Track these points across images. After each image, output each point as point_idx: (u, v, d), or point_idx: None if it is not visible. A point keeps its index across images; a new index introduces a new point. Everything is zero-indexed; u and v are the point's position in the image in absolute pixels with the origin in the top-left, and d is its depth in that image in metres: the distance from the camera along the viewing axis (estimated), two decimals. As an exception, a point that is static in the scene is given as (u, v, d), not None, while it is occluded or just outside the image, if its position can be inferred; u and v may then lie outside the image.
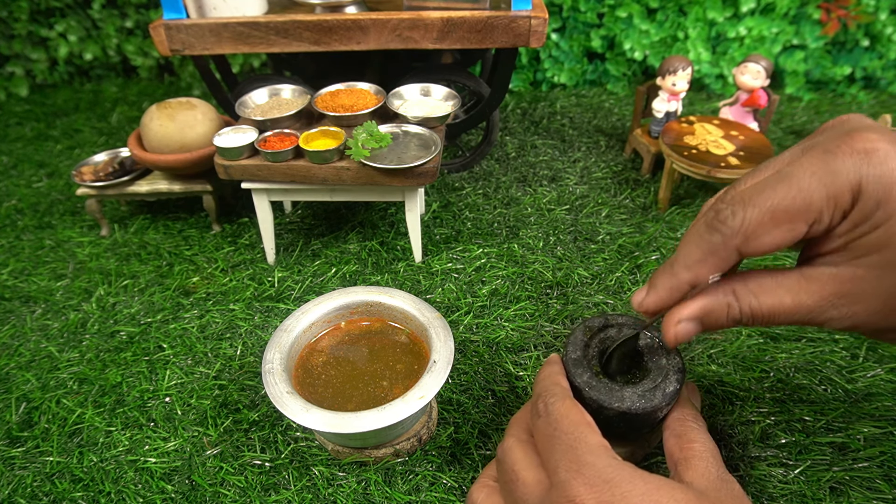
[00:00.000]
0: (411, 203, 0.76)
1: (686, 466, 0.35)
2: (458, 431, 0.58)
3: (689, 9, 1.28)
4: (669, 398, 0.40)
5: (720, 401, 0.60)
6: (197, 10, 0.83)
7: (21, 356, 0.71)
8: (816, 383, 0.61)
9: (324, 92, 0.83)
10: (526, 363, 0.65)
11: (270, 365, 0.52)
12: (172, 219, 0.94)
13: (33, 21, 1.42)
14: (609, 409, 0.40)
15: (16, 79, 1.45)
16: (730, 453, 0.55)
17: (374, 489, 0.53)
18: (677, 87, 0.94)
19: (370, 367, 0.55)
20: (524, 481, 0.34)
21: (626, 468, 0.32)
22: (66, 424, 0.62)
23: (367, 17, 0.80)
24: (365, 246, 0.85)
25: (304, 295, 0.77)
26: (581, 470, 0.32)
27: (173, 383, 0.65)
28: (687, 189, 0.96)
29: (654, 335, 0.44)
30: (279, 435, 0.59)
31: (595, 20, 1.31)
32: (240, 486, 0.54)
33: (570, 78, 1.35)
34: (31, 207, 1.00)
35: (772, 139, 1.10)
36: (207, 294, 0.78)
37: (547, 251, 0.82)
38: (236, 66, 1.44)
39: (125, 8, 1.43)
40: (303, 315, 0.57)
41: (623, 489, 0.30)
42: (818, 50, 1.27)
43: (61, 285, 0.81)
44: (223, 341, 0.71)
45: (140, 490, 0.55)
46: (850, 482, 0.52)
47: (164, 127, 0.84)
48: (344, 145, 0.72)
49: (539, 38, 0.80)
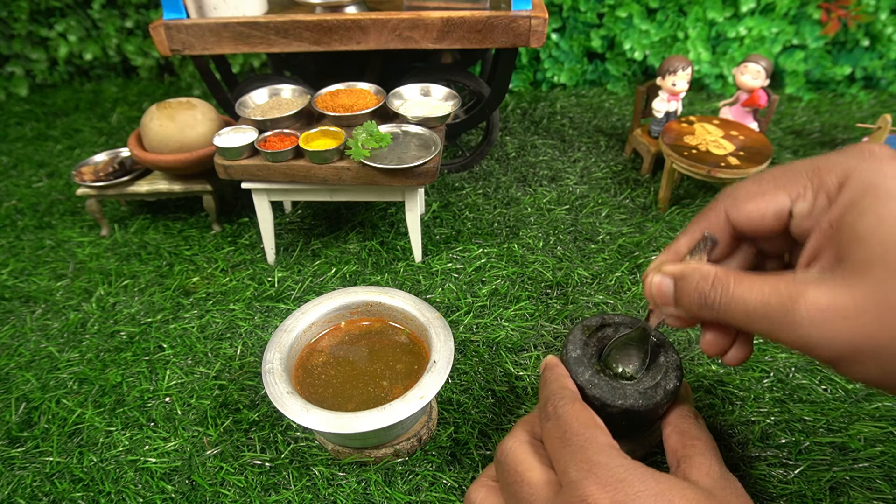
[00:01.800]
0: (411, 203, 0.76)
1: (689, 464, 0.35)
2: (458, 431, 0.58)
3: (689, 9, 1.28)
4: (670, 395, 0.40)
5: (720, 401, 0.60)
6: (197, 10, 0.83)
7: (21, 356, 0.71)
8: (816, 383, 0.61)
9: (324, 92, 0.83)
10: (526, 363, 0.65)
11: (270, 365, 0.52)
12: (172, 219, 0.94)
13: (33, 21, 1.42)
14: (612, 407, 0.40)
15: (16, 79, 1.45)
16: (730, 453, 0.55)
17: (374, 489, 0.53)
18: (677, 87, 0.94)
19: (370, 367, 0.55)
20: (529, 482, 0.34)
21: (638, 468, 0.32)
22: (66, 424, 0.62)
23: (367, 17, 0.80)
24: (365, 246, 0.85)
25: (304, 295, 0.77)
26: (593, 470, 0.32)
27: (173, 383, 0.65)
28: (687, 189, 0.96)
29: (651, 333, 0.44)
30: (279, 435, 0.59)
31: (595, 20, 1.31)
32: (240, 486, 0.54)
33: (570, 78, 1.35)
34: (31, 207, 1.00)
35: (772, 139, 1.10)
36: (207, 294, 0.78)
37: (547, 251, 0.82)
38: (236, 66, 1.44)
39: (125, 8, 1.43)
40: (303, 315, 0.57)
41: (636, 488, 0.30)
42: (818, 50, 1.27)
43: (61, 285, 0.81)
44: (223, 341, 0.71)
45: (140, 490, 0.55)
46: (850, 482, 0.52)
47: (164, 127, 0.84)
48: (344, 145, 0.72)
49: (539, 38, 0.80)
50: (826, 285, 0.27)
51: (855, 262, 0.27)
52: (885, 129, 0.85)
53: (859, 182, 0.27)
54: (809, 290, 0.27)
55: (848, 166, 0.28)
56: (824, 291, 0.27)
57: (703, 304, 0.32)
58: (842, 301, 0.26)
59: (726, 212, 0.32)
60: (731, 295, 0.30)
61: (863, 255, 0.26)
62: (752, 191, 0.31)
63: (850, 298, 0.26)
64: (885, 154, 0.28)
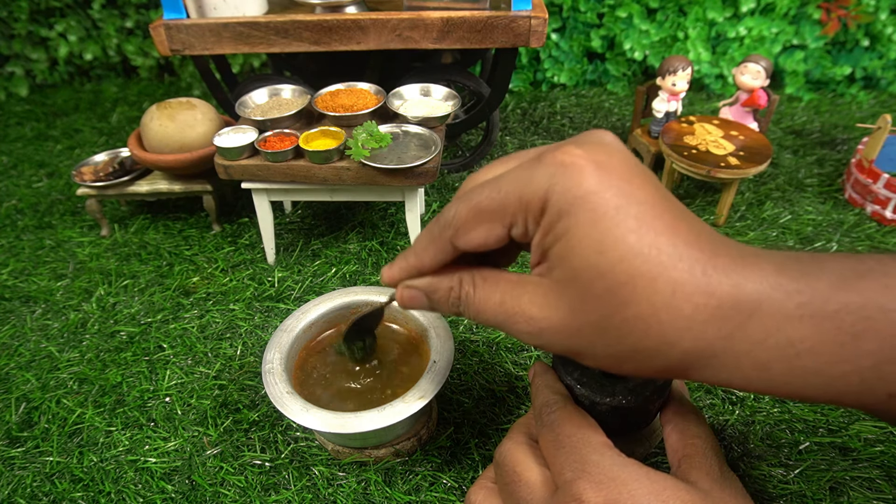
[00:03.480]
0: (411, 203, 0.76)
1: (690, 464, 0.35)
2: (458, 431, 0.58)
3: (689, 9, 1.28)
4: (661, 391, 0.40)
5: (720, 401, 0.60)
6: (197, 10, 0.83)
7: (21, 356, 0.71)
8: (816, 383, 0.61)
9: (324, 92, 0.83)
10: (526, 363, 0.65)
11: (270, 365, 0.52)
12: (172, 219, 0.94)
13: (33, 21, 1.42)
14: (601, 405, 0.40)
15: (16, 79, 1.45)
16: (730, 453, 0.55)
17: (374, 489, 0.53)
18: (677, 87, 0.94)
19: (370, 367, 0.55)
20: (526, 482, 0.34)
21: (631, 465, 0.32)
22: (66, 424, 0.62)
23: (367, 17, 0.80)
24: (365, 246, 0.85)
25: (304, 295, 0.77)
26: (586, 468, 0.32)
27: (173, 383, 0.65)
28: (687, 189, 0.96)
29: None
30: (279, 435, 0.59)
31: (595, 20, 1.31)
32: (240, 486, 0.54)
33: (570, 78, 1.35)
34: (31, 207, 1.00)
35: (772, 139, 1.10)
36: (207, 294, 0.78)
37: (547, 251, 0.82)
38: (236, 66, 1.44)
39: (125, 8, 1.43)
40: (303, 315, 0.57)
41: (630, 487, 0.30)
42: (818, 50, 1.27)
43: (61, 285, 0.81)
44: (223, 341, 0.71)
45: (140, 490, 0.55)
46: (850, 482, 0.52)
47: (164, 127, 0.84)
48: (344, 145, 0.72)
49: (539, 38, 0.80)
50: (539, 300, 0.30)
51: (560, 281, 0.29)
52: (885, 129, 0.85)
53: (555, 205, 0.28)
54: (525, 303, 0.31)
55: (547, 187, 0.29)
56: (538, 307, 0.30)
57: (456, 311, 0.35)
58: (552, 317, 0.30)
59: (451, 241, 0.33)
60: (474, 303, 0.33)
61: (565, 274, 0.29)
62: (470, 222, 0.32)
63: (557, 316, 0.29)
64: (581, 163, 0.28)
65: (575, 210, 0.28)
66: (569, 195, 0.28)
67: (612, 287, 0.27)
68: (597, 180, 0.27)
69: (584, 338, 0.29)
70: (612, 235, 0.27)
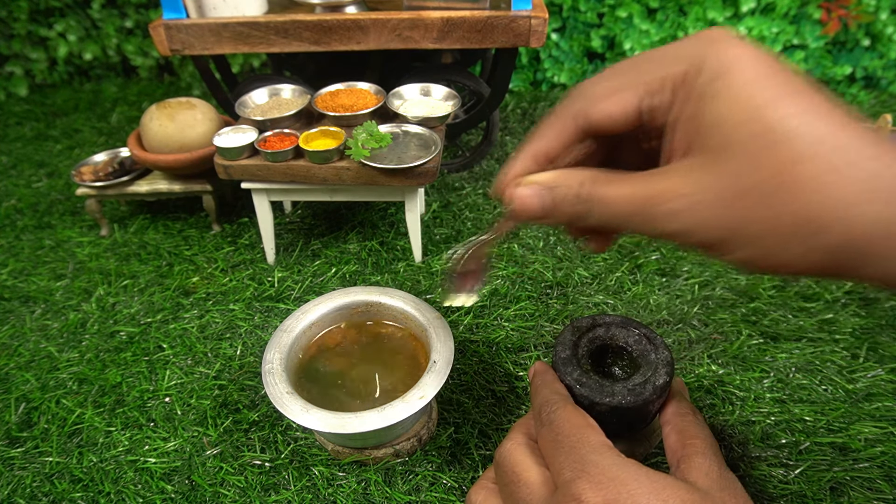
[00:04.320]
0: (411, 203, 0.76)
1: (689, 464, 0.35)
2: (458, 431, 0.58)
3: (689, 9, 1.28)
4: (660, 391, 0.40)
5: (720, 401, 0.60)
6: (197, 10, 0.83)
7: (21, 356, 0.70)
8: (816, 383, 0.61)
9: (324, 92, 0.83)
10: (526, 363, 0.65)
11: (270, 365, 0.52)
12: (172, 219, 0.94)
13: (33, 21, 1.42)
14: (601, 405, 0.40)
15: (15, 79, 1.45)
16: (730, 453, 0.55)
17: (374, 489, 0.53)
18: (677, 87, 0.94)
19: (370, 367, 0.55)
20: (526, 482, 0.34)
21: (631, 466, 0.32)
22: (65, 425, 0.62)
23: (367, 17, 0.80)
24: (365, 246, 0.85)
25: (304, 295, 0.77)
26: (585, 468, 0.32)
27: (173, 383, 0.65)
28: (687, 189, 0.96)
29: (642, 332, 0.44)
30: (279, 435, 0.59)
31: (595, 20, 1.31)
32: (240, 486, 0.54)
33: (570, 78, 1.35)
34: (31, 207, 1.00)
35: (772, 139, 1.10)
36: (207, 294, 0.78)
37: (547, 251, 0.82)
38: (236, 66, 1.44)
39: (125, 8, 1.43)
40: (303, 315, 0.57)
41: (629, 487, 0.30)
42: (818, 50, 1.27)
43: (61, 285, 0.81)
44: (223, 341, 0.71)
45: (140, 490, 0.55)
46: (850, 482, 0.52)
47: (164, 127, 0.84)
48: (344, 145, 0.72)
49: (539, 37, 0.80)
50: (691, 175, 0.27)
51: (713, 148, 0.27)
52: (885, 129, 0.85)
53: (710, 68, 0.27)
54: (675, 181, 0.28)
55: (698, 55, 0.28)
56: (689, 181, 0.27)
57: (581, 209, 0.31)
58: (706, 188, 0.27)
59: (585, 112, 0.31)
60: (606, 194, 0.30)
61: (719, 140, 0.26)
62: (607, 88, 0.30)
63: (712, 184, 0.26)
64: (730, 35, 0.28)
65: (735, 68, 0.26)
66: (724, 57, 0.27)
67: (780, 141, 0.25)
68: (752, 49, 0.27)
69: (745, 207, 0.26)
70: (775, 93, 0.25)
